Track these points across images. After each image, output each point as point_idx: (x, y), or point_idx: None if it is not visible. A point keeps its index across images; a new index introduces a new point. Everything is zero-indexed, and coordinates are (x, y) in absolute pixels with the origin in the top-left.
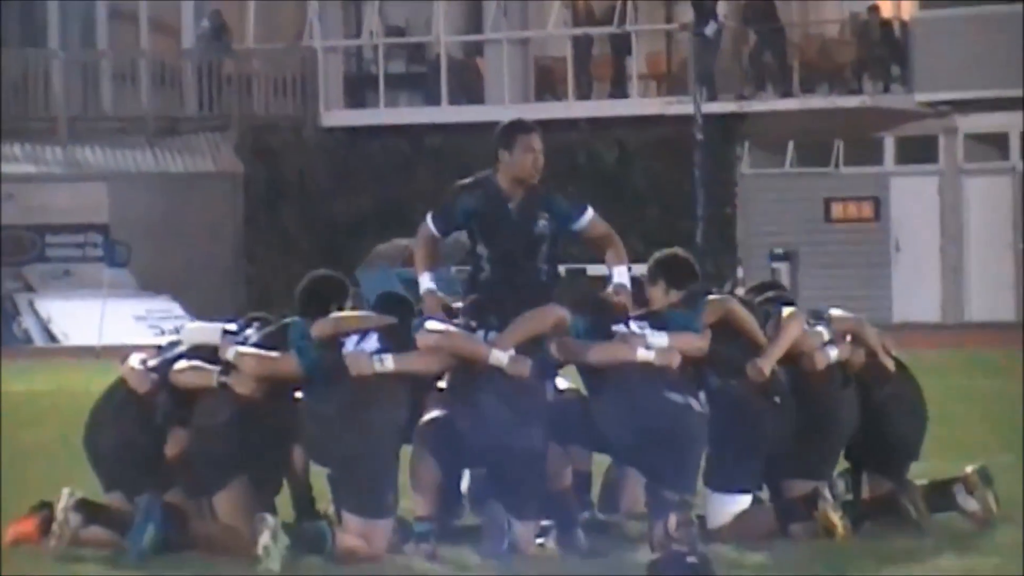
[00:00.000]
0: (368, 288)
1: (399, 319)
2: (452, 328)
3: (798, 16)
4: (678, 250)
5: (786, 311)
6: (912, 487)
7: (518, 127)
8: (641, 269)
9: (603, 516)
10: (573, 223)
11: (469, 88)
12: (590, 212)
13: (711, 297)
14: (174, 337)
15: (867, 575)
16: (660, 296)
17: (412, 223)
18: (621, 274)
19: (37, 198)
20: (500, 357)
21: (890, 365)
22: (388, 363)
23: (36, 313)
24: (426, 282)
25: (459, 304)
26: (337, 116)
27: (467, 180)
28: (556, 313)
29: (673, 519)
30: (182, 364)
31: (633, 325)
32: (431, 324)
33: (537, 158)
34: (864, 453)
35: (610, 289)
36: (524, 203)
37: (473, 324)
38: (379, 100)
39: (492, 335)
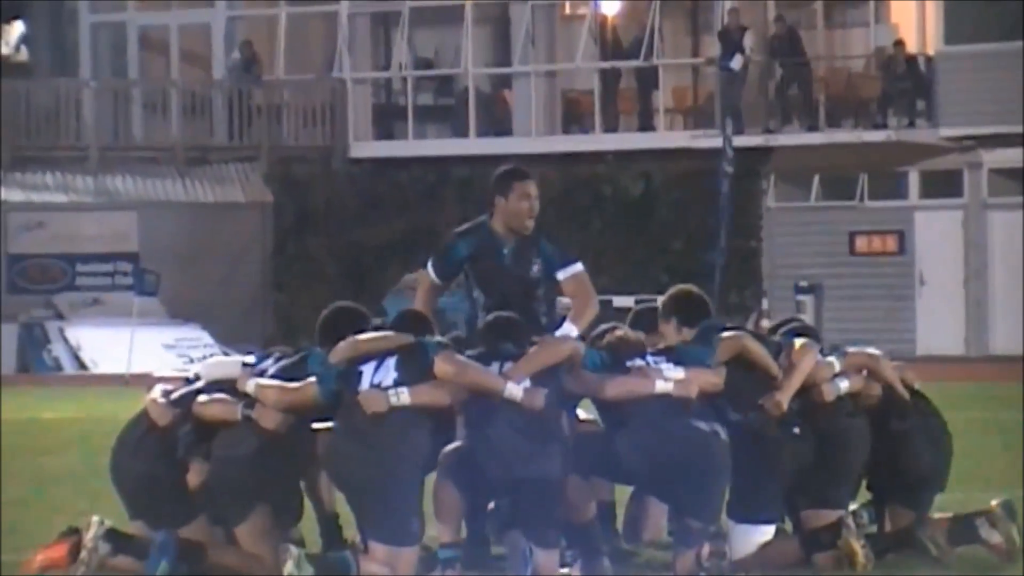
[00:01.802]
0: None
1: (416, 335)
2: (469, 361)
3: (824, 50)
4: (693, 288)
5: (798, 343)
6: (931, 522)
7: (515, 174)
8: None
9: (627, 545)
10: (556, 270)
11: (497, 120)
12: (578, 267)
13: (725, 334)
14: (199, 369)
15: None
16: (672, 333)
17: None
18: (568, 330)
19: (67, 227)
20: (514, 391)
21: (905, 397)
22: (404, 397)
23: (66, 341)
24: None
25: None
26: (365, 147)
27: (464, 226)
28: (570, 344)
29: (707, 548)
30: (206, 397)
31: (649, 360)
32: (448, 355)
33: (533, 205)
34: (887, 485)
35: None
36: (519, 248)
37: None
38: (407, 132)
39: (507, 366)
